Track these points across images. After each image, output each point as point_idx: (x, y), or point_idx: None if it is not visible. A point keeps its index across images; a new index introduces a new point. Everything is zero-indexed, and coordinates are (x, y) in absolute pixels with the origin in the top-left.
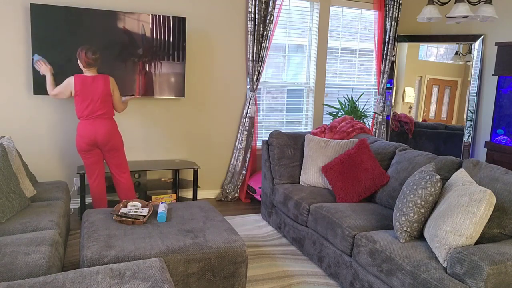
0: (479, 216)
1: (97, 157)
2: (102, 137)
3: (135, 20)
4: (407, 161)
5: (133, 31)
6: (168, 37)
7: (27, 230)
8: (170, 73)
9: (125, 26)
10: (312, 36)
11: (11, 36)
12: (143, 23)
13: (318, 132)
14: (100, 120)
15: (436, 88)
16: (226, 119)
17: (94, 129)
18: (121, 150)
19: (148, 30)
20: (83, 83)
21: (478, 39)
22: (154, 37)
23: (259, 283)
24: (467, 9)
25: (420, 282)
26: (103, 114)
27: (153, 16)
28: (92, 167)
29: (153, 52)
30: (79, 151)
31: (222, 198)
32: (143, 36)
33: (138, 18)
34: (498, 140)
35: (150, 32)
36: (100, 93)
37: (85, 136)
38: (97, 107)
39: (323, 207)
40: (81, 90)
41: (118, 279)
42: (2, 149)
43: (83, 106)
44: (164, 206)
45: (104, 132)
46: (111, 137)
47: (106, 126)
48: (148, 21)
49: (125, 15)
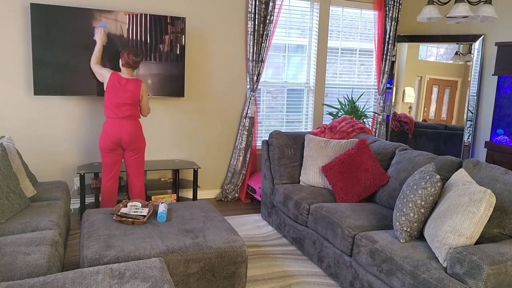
0: (479, 216)
1: (118, 157)
2: (127, 137)
3: (135, 20)
4: (407, 161)
5: (134, 30)
6: (168, 37)
7: (27, 230)
8: (170, 73)
9: (125, 26)
10: (312, 36)
11: (11, 36)
12: (143, 22)
13: (318, 132)
14: (126, 120)
15: (436, 88)
16: (226, 119)
17: (120, 129)
18: (142, 152)
19: (148, 30)
20: (116, 82)
21: (478, 39)
22: (154, 37)
23: (259, 283)
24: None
25: (420, 282)
26: (129, 115)
27: (153, 16)
28: (110, 167)
29: (153, 52)
30: (103, 148)
31: (222, 198)
32: (143, 35)
33: (138, 18)
34: (498, 140)
35: (150, 32)
36: (129, 96)
37: (111, 135)
38: (125, 108)
39: (323, 207)
40: (111, 88)
41: (118, 279)
42: (2, 149)
43: (112, 105)
44: (164, 206)
45: (129, 132)
46: (136, 138)
47: (132, 127)
48: (149, 21)
49: (125, 15)
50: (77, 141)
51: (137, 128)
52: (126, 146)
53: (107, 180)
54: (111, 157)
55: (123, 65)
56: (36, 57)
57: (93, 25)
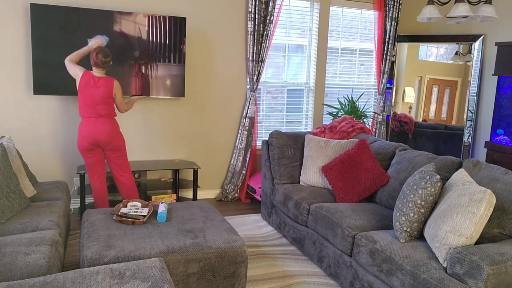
0: (479, 216)
1: (98, 156)
2: (103, 137)
3: (135, 20)
4: (407, 161)
5: (134, 30)
6: (168, 37)
7: (27, 230)
8: (170, 73)
9: (125, 26)
10: (312, 36)
11: (11, 36)
12: (144, 23)
13: (318, 132)
14: (101, 119)
15: (436, 88)
16: (226, 119)
17: (95, 129)
18: (122, 150)
19: (148, 30)
20: (87, 81)
21: (478, 39)
22: (154, 37)
23: (259, 283)
24: (467, 9)
25: (420, 282)
26: (104, 114)
27: (153, 16)
28: (93, 167)
29: (153, 52)
30: (81, 150)
31: (222, 198)
32: (143, 36)
33: (138, 18)
34: (498, 140)
35: (150, 32)
36: (101, 95)
37: (87, 136)
38: (98, 107)
39: (323, 207)
40: (83, 88)
41: (118, 279)
42: (2, 149)
43: (86, 104)
44: (164, 206)
45: (105, 132)
46: (113, 137)
47: (107, 126)
48: (149, 21)
49: (125, 15)
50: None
51: (113, 127)
52: (104, 146)
53: (94, 181)
54: (90, 157)
55: (93, 65)
56: (36, 57)
57: (94, 25)
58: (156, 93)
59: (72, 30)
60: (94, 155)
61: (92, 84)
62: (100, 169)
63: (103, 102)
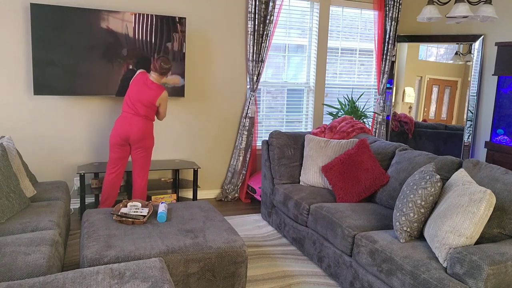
0: (479, 216)
1: (125, 153)
2: (136, 134)
3: (136, 20)
4: (407, 161)
5: (133, 30)
6: (168, 37)
7: (27, 230)
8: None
9: (125, 26)
10: (312, 36)
11: (11, 36)
12: (144, 22)
13: (318, 132)
14: (138, 118)
15: (436, 88)
16: (226, 119)
17: (130, 125)
18: (149, 151)
19: (148, 30)
20: (140, 79)
21: (478, 39)
22: (154, 37)
23: (259, 283)
24: (467, 9)
25: (420, 282)
26: (142, 115)
27: (153, 16)
28: (116, 162)
29: (153, 52)
30: (111, 143)
31: (222, 198)
32: (143, 36)
33: (138, 18)
34: (498, 140)
35: (150, 32)
36: (146, 99)
37: (120, 132)
38: (139, 107)
39: (323, 207)
40: (135, 84)
41: (118, 279)
42: (2, 149)
43: (130, 100)
44: (164, 206)
45: (139, 129)
46: (145, 136)
47: (142, 125)
48: (149, 21)
49: (125, 15)
50: (77, 141)
51: (147, 127)
52: (133, 143)
53: (110, 175)
54: (117, 152)
55: (151, 69)
56: (36, 57)
57: (94, 25)
58: None
59: (72, 30)
60: (121, 151)
61: (142, 83)
62: (121, 164)
63: (145, 104)
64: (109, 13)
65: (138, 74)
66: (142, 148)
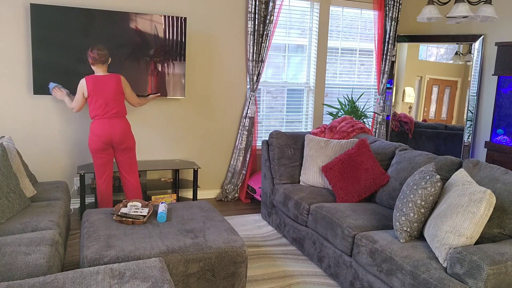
0: (479, 216)
1: (109, 157)
2: (118, 136)
3: (136, 20)
4: (407, 161)
5: (134, 31)
6: (168, 37)
7: (27, 230)
8: (171, 73)
9: (125, 26)
10: (312, 36)
11: (11, 36)
12: (144, 23)
13: (318, 132)
14: (115, 119)
15: (436, 88)
16: (226, 119)
17: (110, 128)
18: (133, 150)
19: (148, 30)
20: (95, 82)
21: (478, 39)
22: (154, 38)
23: (259, 283)
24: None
25: (420, 282)
26: (117, 112)
27: (154, 16)
28: (103, 167)
29: (153, 52)
30: (93, 150)
31: (222, 198)
32: (143, 36)
33: (138, 18)
34: (498, 140)
35: (150, 32)
36: (112, 92)
37: (102, 135)
38: (111, 106)
39: (323, 207)
40: (93, 90)
41: (118, 279)
42: (2, 149)
43: (97, 105)
44: (164, 206)
45: (120, 131)
46: (127, 136)
47: (121, 125)
48: (150, 21)
49: (125, 15)
50: (77, 141)
51: (126, 127)
52: (117, 146)
53: (102, 182)
54: (101, 158)
55: (92, 64)
56: (36, 57)
57: (94, 25)
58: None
59: (72, 30)
60: (105, 155)
61: (101, 84)
62: (108, 169)
63: (114, 98)
64: (110, 13)
65: (86, 82)
66: (126, 149)
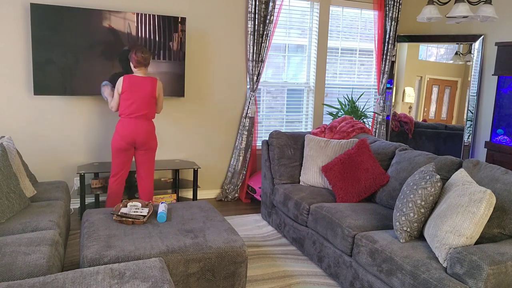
0: (479, 216)
1: (129, 157)
2: (142, 136)
3: (136, 20)
4: (407, 161)
5: (134, 31)
6: (168, 37)
7: (27, 230)
8: (170, 73)
9: (125, 26)
10: (312, 36)
11: (11, 36)
12: (144, 23)
13: (318, 132)
14: (141, 120)
15: (436, 88)
16: (226, 119)
17: (135, 129)
18: (154, 152)
19: (148, 29)
20: (131, 82)
21: (478, 39)
22: (154, 37)
23: (259, 283)
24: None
25: (420, 282)
26: (145, 114)
27: (154, 16)
28: (120, 166)
29: (153, 52)
30: (116, 149)
31: (222, 198)
32: (143, 36)
33: (138, 18)
34: (498, 140)
35: (150, 32)
36: (146, 94)
37: (126, 135)
38: (141, 107)
39: (323, 207)
40: (128, 89)
41: (118, 279)
42: (2, 149)
43: (127, 103)
44: (164, 206)
45: (144, 131)
46: (150, 138)
47: (146, 126)
48: (149, 21)
49: (126, 15)
50: (77, 141)
51: (151, 128)
52: (140, 146)
53: (115, 180)
54: (122, 157)
55: (135, 66)
56: (36, 57)
57: (94, 25)
58: None
59: (72, 30)
60: (126, 155)
61: (136, 85)
62: (125, 169)
63: (147, 102)
64: (110, 13)
65: (124, 81)
66: (148, 150)
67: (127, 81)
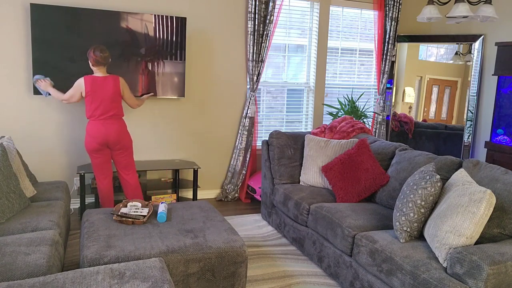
0: (479, 216)
1: (106, 157)
2: (113, 137)
3: (136, 20)
4: (407, 161)
5: (134, 31)
6: (168, 37)
7: (27, 230)
8: (171, 73)
9: (125, 26)
10: (312, 36)
11: (11, 36)
12: (144, 23)
13: (318, 132)
14: (111, 120)
15: (436, 88)
16: (226, 119)
17: (105, 129)
18: (130, 150)
19: (148, 30)
20: (93, 83)
21: (478, 39)
22: (154, 37)
23: (259, 283)
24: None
25: (420, 282)
26: (114, 114)
27: (154, 16)
28: (100, 167)
29: (153, 52)
30: (89, 150)
31: (222, 198)
32: (143, 36)
33: (138, 18)
34: (498, 140)
35: (150, 32)
36: (110, 93)
37: (97, 136)
38: (108, 107)
39: (323, 207)
40: (91, 91)
41: (118, 279)
42: (2, 149)
43: (94, 106)
44: (164, 206)
45: (115, 132)
46: (122, 137)
47: (117, 126)
48: (149, 21)
49: (125, 15)
50: (77, 141)
51: (122, 127)
52: (113, 146)
53: (102, 181)
54: (98, 157)
55: (93, 65)
56: (35, 57)
57: (94, 26)
58: (156, 93)
59: (72, 30)
60: (101, 155)
61: (99, 86)
62: (107, 169)
63: (112, 101)
64: (110, 13)
65: (85, 82)
66: (123, 149)
67: (89, 83)
